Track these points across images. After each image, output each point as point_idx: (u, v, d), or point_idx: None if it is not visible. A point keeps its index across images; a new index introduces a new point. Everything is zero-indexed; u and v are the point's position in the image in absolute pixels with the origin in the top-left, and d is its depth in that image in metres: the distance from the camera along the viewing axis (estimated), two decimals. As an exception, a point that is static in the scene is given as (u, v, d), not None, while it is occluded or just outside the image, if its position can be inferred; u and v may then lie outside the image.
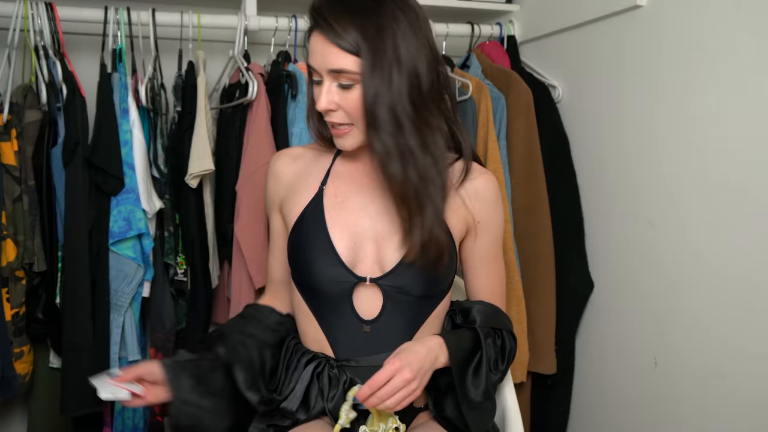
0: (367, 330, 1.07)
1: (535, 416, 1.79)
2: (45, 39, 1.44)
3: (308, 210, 1.10)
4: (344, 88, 0.98)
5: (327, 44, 0.96)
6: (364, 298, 1.07)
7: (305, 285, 1.10)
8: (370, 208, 1.08)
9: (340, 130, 1.03)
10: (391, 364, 0.94)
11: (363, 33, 0.95)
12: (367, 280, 1.05)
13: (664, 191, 1.44)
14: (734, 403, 1.29)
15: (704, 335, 1.35)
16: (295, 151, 1.20)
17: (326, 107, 1.00)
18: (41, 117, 1.44)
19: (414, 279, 1.05)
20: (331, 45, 0.96)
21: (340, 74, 0.97)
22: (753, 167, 1.23)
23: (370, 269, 1.06)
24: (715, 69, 1.30)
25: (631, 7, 1.49)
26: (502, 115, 1.68)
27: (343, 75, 0.97)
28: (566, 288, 1.71)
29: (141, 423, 1.55)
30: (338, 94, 0.99)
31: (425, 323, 1.09)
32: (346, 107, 0.99)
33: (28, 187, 1.43)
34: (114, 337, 1.46)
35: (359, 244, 1.07)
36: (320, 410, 1.08)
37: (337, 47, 0.95)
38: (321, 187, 1.11)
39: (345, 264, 1.05)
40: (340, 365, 1.08)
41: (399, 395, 0.93)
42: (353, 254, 1.06)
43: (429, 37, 1.01)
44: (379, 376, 0.93)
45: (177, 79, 1.56)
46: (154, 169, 1.53)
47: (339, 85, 0.99)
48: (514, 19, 1.90)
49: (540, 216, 1.68)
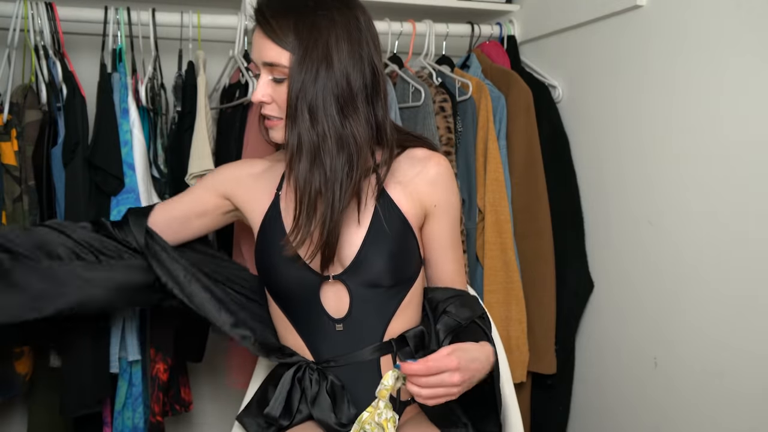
0: (340, 328, 1.09)
1: (535, 416, 1.79)
2: (45, 39, 1.44)
3: (267, 216, 1.12)
4: (277, 82, 1.02)
5: (264, 39, 1.01)
6: (331, 296, 1.08)
7: (275, 291, 1.12)
8: None
9: (271, 122, 1.07)
10: (449, 359, 0.90)
11: (296, 30, 0.99)
12: (330, 277, 1.06)
13: (664, 191, 1.44)
14: (734, 403, 1.29)
15: (704, 335, 1.35)
16: (249, 160, 1.25)
17: (260, 99, 1.04)
18: (41, 117, 1.44)
19: (375, 270, 1.05)
20: (267, 39, 1.00)
21: (273, 68, 1.01)
22: (753, 167, 1.23)
23: (332, 267, 1.06)
24: (715, 69, 1.30)
25: (630, 7, 1.49)
26: (502, 115, 1.69)
27: (276, 69, 1.01)
28: (566, 288, 1.71)
29: (141, 423, 1.54)
30: (272, 87, 1.03)
31: (397, 313, 1.10)
32: (278, 100, 1.03)
33: (28, 187, 1.43)
34: (114, 337, 1.46)
35: None
36: (305, 416, 1.10)
37: (272, 42, 1.00)
38: (277, 192, 1.13)
39: (305, 262, 1.05)
40: (320, 368, 1.09)
41: (439, 391, 0.90)
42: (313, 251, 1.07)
43: (369, 40, 1.03)
44: (436, 363, 0.89)
45: (177, 79, 1.56)
46: (154, 169, 1.53)
47: (273, 79, 1.03)
48: (514, 19, 1.90)
49: (540, 216, 1.68)
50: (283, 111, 1.03)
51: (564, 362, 1.73)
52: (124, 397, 1.52)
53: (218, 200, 1.19)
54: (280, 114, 1.04)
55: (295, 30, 0.99)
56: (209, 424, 1.92)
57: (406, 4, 1.75)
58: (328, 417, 1.08)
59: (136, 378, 1.53)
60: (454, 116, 1.66)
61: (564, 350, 1.73)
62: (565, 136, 1.75)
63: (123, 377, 1.51)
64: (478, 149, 1.67)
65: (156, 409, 1.54)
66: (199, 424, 1.92)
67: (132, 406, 1.53)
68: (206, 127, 1.47)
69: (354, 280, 1.07)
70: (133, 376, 1.53)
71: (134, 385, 1.53)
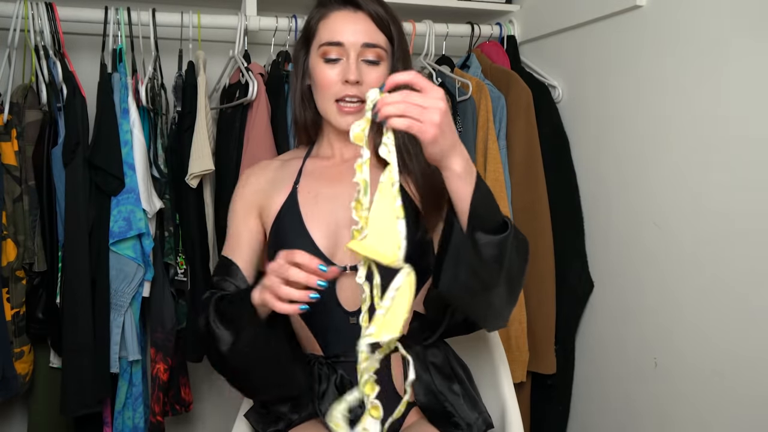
0: (354, 322, 1.06)
1: (535, 416, 1.79)
2: (45, 39, 1.44)
3: (284, 208, 1.12)
4: (370, 63, 1.08)
5: (364, 19, 1.08)
6: (347, 289, 1.07)
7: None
8: (343, 197, 1.09)
9: (351, 107, 1.08)
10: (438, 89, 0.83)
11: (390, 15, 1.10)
12: (347, 268, 1.05)
13: (664, 191, 1.44)
14: (734, 404, 1.29)
15: (704, 335, 1.35)
16: (262, 163, 1.23)
17: (356, 78, 1.05)
18: (41, 117, 1.44)
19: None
20: (369, 20, 1.08)
21: (370, 49, 1.07)
22: (753, 167, 1.23)
23: (348, 257, 1.06)
24: (715, 69, 1.30)
25: (630, 7, 1.49)
26: (502, 115, 1.69)
27: (372, 50, 1.07)
28: (566, 288, 1.71)
29: (141, 423, 1.55)
30: (363, 68, 1.07)
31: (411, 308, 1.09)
32: (368, 81, 1.07)
33: (28, 187, 1.43)
34: (114, 337, 1.46)
35: (336, 233, 1.08)
36: (310, 412, 1.09)
37: (374, 23, 1.08)
38: (294, 186, 1.13)
39: (324, 254, 1.05)
40: (330, 363, 1.08)
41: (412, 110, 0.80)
42: (332, 243, 1.07)
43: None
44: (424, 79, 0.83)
45: (177, 79, 1.56)
46: (154, 169, 1.53)
47: (365, 61, 1.07)
48: (513, 19, 1.90)
49: (540, 216, 1.68)
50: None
51: (564, 362, 1.73)
52: (125, 397, 1.52)
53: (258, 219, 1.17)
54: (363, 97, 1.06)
55: (390, 15, 1.10)
56: (209, 424, 1.92)
57: (406, 4, 1.75)
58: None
59: (137, 378, 1.54)
60: (454, 116, 1.66)
61: (564, 350, 1.73)
62: (565, 136, 1.75)
63: (123, 377, 1.51)
64: (478, 149, 1.67)
65: (156, 409, 1.55)
66: (199, 424, 1.92)
67: (132, 406, 1.54)
68: (206, 127, 1.47)
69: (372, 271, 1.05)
70: (133, 376, 1.53)
71: (134, 385, 1.53)
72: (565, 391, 1.76)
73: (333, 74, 1.07)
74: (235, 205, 1.18)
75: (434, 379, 1.10)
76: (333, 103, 1.08)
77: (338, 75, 1.07)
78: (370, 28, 1.08)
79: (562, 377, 1.74)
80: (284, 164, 1.19)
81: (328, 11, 1.10)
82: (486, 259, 0.89)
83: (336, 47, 1.07)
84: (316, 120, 1.18)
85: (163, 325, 1.54)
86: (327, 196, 1.11)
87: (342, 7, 1.09)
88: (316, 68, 1.10)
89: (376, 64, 1.08)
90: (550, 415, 1.78)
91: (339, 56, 1.07)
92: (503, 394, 1.22)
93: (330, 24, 1.08)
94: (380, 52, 1.08)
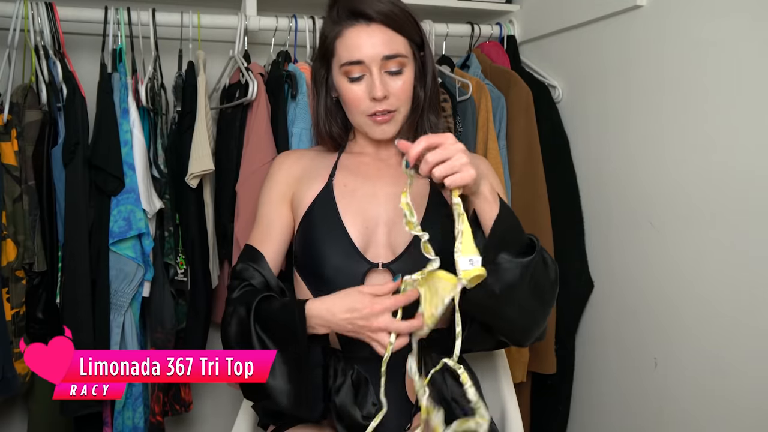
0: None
1: (535, 416, 1.79)
2: (45, 39, 1.44)
3: (319, 199, 1.12)
4: (392, 74, 1.08)
5: (379, 30, 1.07)
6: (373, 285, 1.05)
7: (314, 273, 1.09)
8: (379, 194, 1.11)
9: (385, 117, 1.09)
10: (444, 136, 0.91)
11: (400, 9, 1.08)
12: (380, 265, 1.06)
13: (664, 191, 1.44)
14: (734, 403, 1.29)
15: (704, 335, 1.35)
16: (299, 151, 1.25)
17: (383, 93, 1.07)
18: (41, 117, 1.44)
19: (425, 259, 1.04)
20: (384, 29, 1.07)
21: (390, 60, 1.07)
22: (754, 168, 1.23)
23: (382, 254, 1.07)
24: (716, 69, 1.30)
25: (631, 7, 1.49)
26: (502, 115, 1.68)
27: (393, 61, 1.07)
28: (566, 288, 1.70)
29: (141, 423, 1.55)
30: (387, 80, 1.08)
31: None
32: (395, 93, 1.09)
33: (28, 187, 1.43)
34: (114, 337, 1.46)
35: (371, 230, 1.08)
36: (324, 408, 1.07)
37: (390, 29, 1.07)
38: (330, 178, 1.14)
39: (358, 249, 1.06)
40: (347, 357, 1.08)
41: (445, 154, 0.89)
42: (366, 239, 1.08)
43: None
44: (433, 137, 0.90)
45: (177, 79, 1.56)
46: (154, 169, 1.53)
47: (386, 72, 1.08)
48: (514, 19, 1.90)
49: (540, 216, 1.68)
50: (400, 101, 1.09)
51: (564, 362, 1.73)
52: (125, 397, 1.52)
53: (290, 207, 1.18)
54: (394, 107, 1.09)
55: (403, 12, 1.08)
56: (209, 424, 1.92)
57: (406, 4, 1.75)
58: (351, 408, 1.05)
59: (136, 378, 1.53)
60: (454, 116, 1.66)
61: (564, 350, 1.72)
62: (565, 136, 1.75)
63: (123, 377, 1.51)
64: (478, 149, 1.67)
65: (156, 409, 1.55)
66: (199, 424, 1.92)
67: (132, 406, 1.53)
68: (206, 127, 1.47)
69: (403, 269, 1.03)
70: (133, 376, 1.53)
71: (134, 384, 1.53)
72: (565, 391, 1.76)
73: (360, 91, 1.09)
74: (270, 192, 1.18)
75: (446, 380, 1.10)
76: (365, 117, 1.10)
77: (364, 92, 1.08)
78: (386, 37, 1.07)
79: (562, 377, 1.74)
80: (319, 155, 1.21)
81: (343, 29, 1.09)
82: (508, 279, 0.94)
83: (357, 66, 1.08)
84: (344, 129, 1.20)
85: (163, 325, 1.54)
86: (364, 192, 1.12)
87: (355, 22, 1.08)
88: (342, 87, 1.11)
89: (400, 73, 1.09)
90: (550, 415, 1.78)
91: (362, 73, 1.08)
92: (503, 394, 1.22)
93: (346, 42, 1.08)
94: (402, 60, 1.08)
